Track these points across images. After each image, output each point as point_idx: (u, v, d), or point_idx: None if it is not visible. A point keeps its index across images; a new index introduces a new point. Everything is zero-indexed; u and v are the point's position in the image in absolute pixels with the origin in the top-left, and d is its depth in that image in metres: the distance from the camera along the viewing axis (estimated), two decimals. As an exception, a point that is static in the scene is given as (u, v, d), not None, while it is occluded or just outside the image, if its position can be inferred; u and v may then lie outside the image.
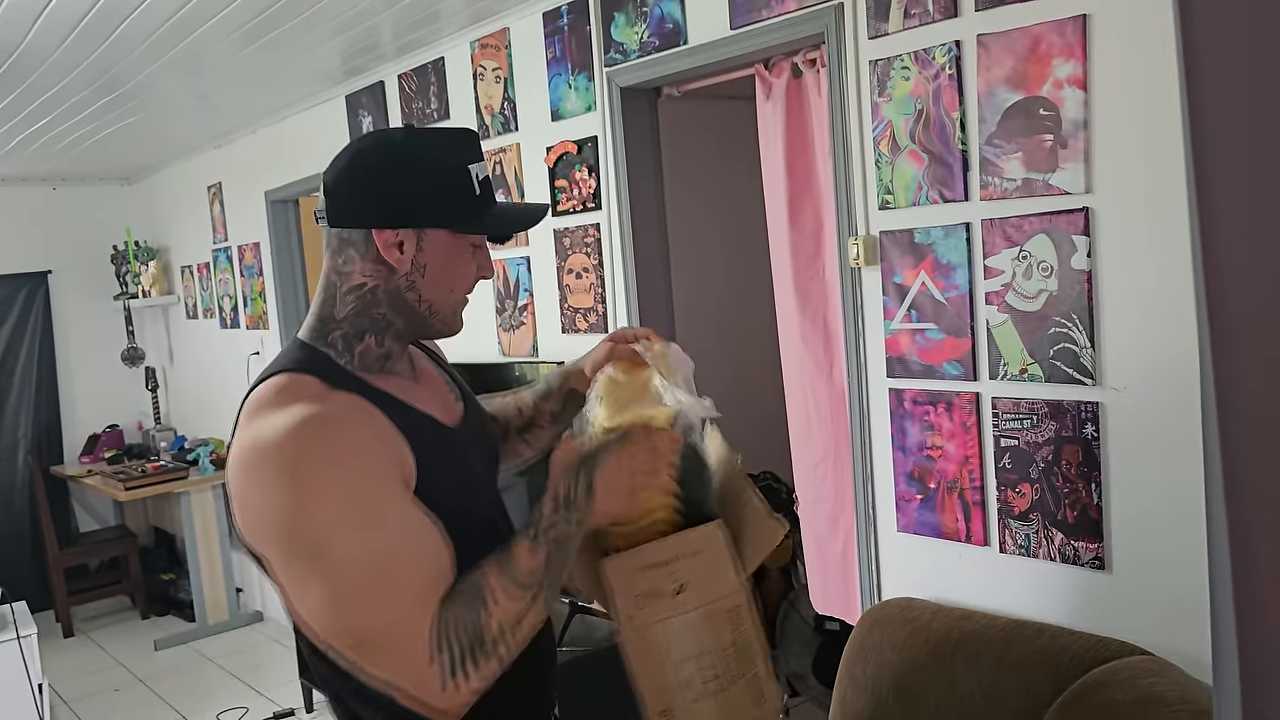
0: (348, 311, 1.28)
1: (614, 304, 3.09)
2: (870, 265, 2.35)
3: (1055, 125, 1.96)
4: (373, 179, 1.25)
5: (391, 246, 1.24)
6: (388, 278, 1.26)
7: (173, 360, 6.24)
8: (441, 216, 1.25)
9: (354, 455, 1.15)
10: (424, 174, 1.24)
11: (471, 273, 1.31)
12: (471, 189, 1.26)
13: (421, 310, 1.29)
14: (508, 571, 1.18)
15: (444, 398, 1.40)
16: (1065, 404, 2.01)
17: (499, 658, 1.16)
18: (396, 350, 1.32)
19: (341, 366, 1.26)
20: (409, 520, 1.17)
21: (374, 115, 3.99)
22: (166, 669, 4.97)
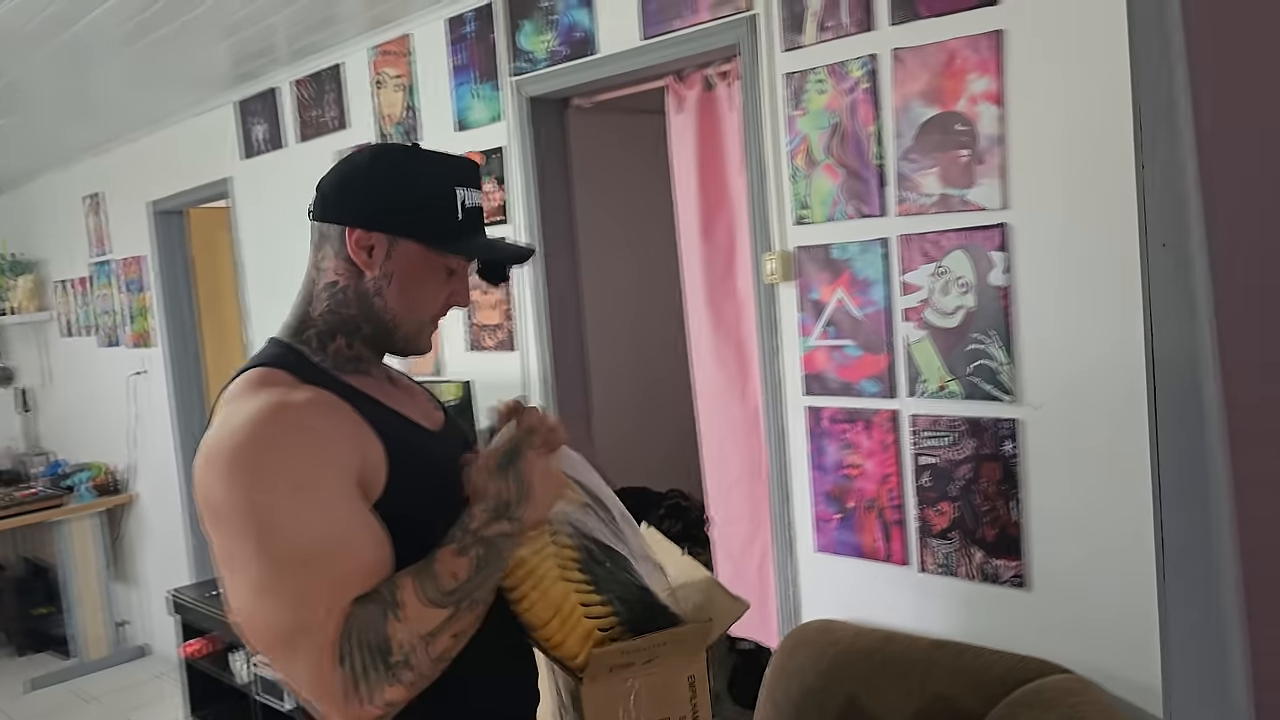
0: (322, 309, 1.29)
1: (522, 320, 3.00)
2: (786, 281, 2.32)
3: (971, 140, 1.95)
4: (357, 179, 1.27)
5: (361, 248, 1.25)
6: (357, 279, 1.27)
7: (48, 380, 5.88)
8: (415, 229, 1.25)
9: (309, 447, 1.13)
10: (407, 184, 1.25)
11: (441, 296, 1.30)
12: (454, 210, 1.26)
13: (386, 320, 1.28)
14: (426, 580, 1.13)
15: (423, 405, 1.40)
16: (984, 421, 2.00)
17: (406, 678, 1.10)
18: (368, 356, 1.32)
19: (315, 363, 1.27)
20: (351, 519, 1.14)
21: (267, 123, 3.82)
22: (41, 710, 4.65)
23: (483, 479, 1.22)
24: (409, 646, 1.10)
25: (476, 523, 1.18)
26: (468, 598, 1.14)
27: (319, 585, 1.09)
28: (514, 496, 1.20)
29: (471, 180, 1.29)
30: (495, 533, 1.18)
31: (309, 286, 1.30)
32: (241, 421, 1.13)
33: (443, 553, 1.15)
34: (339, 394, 1.22)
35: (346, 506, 1.14)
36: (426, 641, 1.11)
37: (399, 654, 1.09)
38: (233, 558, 1.12)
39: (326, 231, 1.28)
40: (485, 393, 3.04)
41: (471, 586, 1.14)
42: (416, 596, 1.11)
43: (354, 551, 1.12)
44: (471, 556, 1.15)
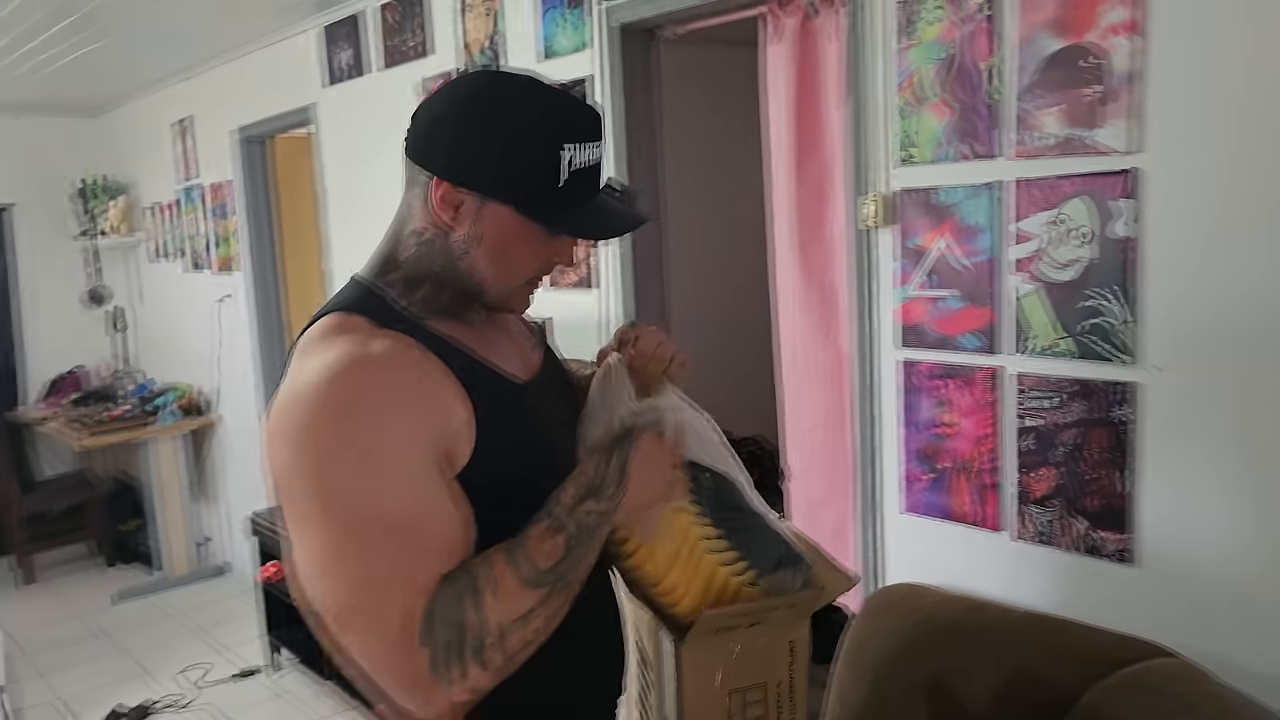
0: (409, 255, 1.16)
1: (603, 256, 2.90)
2: (884, 226, 2.18)
3: (1102, 77, 1.78)
4: (453, 120, 1.10)
5: (447, 204, 1.11)
6: (444, 235, 1.13)
7: (139, 302, 6.00)
8: (509, 192, 1.09)
9: (384, 407, 1.02)
10: (508, 137, 1.08)
11: (541, 259, 1.16)
12: (556, 173, 1.08)
13: (474, 281, 1.15)
14: (520, 558, 1.04)
15: (519, 345, 1.27)
16: (1096, 383, 1.85)
17: (496, 662, 1.01)
18: (459, 302, 1.18)
19: (399, 309, 1.14)
20: (429, 488, 1.04)
21: (351, 49, 3.75)
22: (127, 621, 4.81)
23: (583, 454, 1.14)
24: (504, 628, 1.01)
25: (570, 500, 1.09)
26: (562, 579, 1.06)
27: (391, 558, 1.00)
28: (611, 479, 1.11)
29: (587, 133, 1.11)
30: (589, 512, 1.09)
31: (398, 226, 1.17)
32: (312, 379, 1.03)
33: (535, 530, 1.06)
34: (424, 343, 1.10)
35: (424, 475, 1.04)
36: (521, 624, 1.02)
37: (493, 635, 1.00)
38: (299, 526, 1.04)
39: (414, 174, 1.14)
40: (562, 331, 2.96)
41: (565, 567, 1.06)
42: (512, 576, 1.03)
43: (431, 523, 1.03)
44: (564, 536, 1.06)
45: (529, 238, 1.12)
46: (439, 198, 1.10)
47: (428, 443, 1.04)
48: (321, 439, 1.01)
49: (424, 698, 1.00)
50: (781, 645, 1.28)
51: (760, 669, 1.27)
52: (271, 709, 3.84)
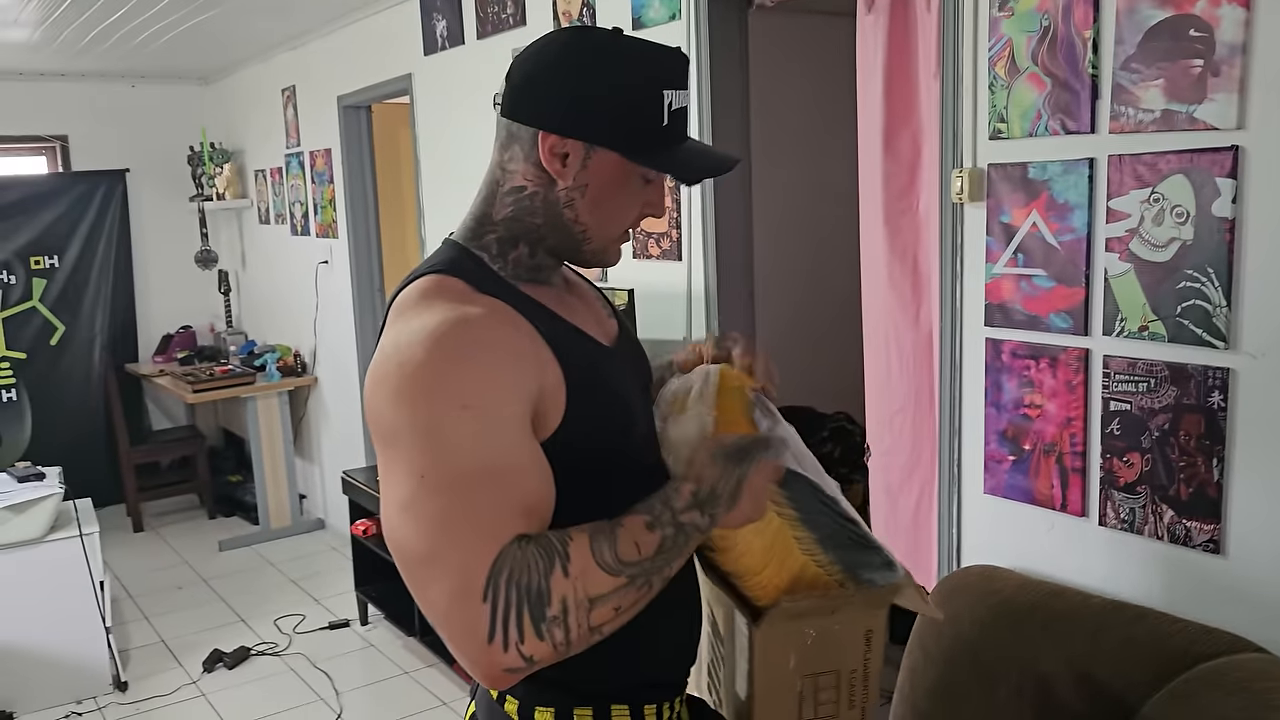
0: (505, 214, 1.18)
1: (689, 230, 2.91)
2: (974, 201, 2.13)
3: (1207, 49, 1.70)
4: (554, 74, 1.13)
5: (555, 155, 1.13)
6: (548, 187, 1.15)
7: (245, 265, 6.23)
8: (616, 138, 1.12)
9: (483, 365, 1.05)
10: (611, 85, 1.11)
11: (637, 207, 1.19)
12: (659, 116, 1.12)
13: (576, 232, 1.18)
14: (605, 542, 1.03)
15: (598, 314, 1.30)
16: (1190, 368, 1.79)
17: (556, 636, 1.00)
18: (550, 264, 1.22)
19: (494, 271, 1.17)
20: (519, 447, 1.06)
21: (448, 19, 3.80)
22: (228, 569, 5.04)
23: (704, 462, 1.10)
24: (569, 604, 1.00)
25: (680, 503, 1.07)
26: (644, 574, 1.04)
27: (471, 506, 1.01)
28: (724, 495, 1.09)
29: (681, 78, 1.15)
30: (691, 521, 1.07)
31: (492, 187, 1.19)
32: (412, 339, 1.06)
33: (632, 520, 1.06)
34: (517, 307, 1.13)
35: (515, 433, 1.05)
36: (589, 605, 1.01)
37: (556, 608, 1.00)
38: (390, 470, 1.06)
39: (516, 131, 1.15)
40: (647, 303, 2.98)
41: (651, 566, 1.05)
42: (591, 555, 1.02)
43: (517, 481, 1.04)
44: (661, 535, 1.05)
45: (629, 184, 1.16)
46: (547, 149, 1.12)
47: (523, 400, 1.06)
48: (421, 387, 1.03)
49: (477, 656, 1.00)
50: (858, 634, 1.28)
51: (835, 656, 1.27)
52: (360, 659, 3.99)
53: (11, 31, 4.52)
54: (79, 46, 4.92)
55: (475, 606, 0.99)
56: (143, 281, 6.26)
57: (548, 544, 1.02)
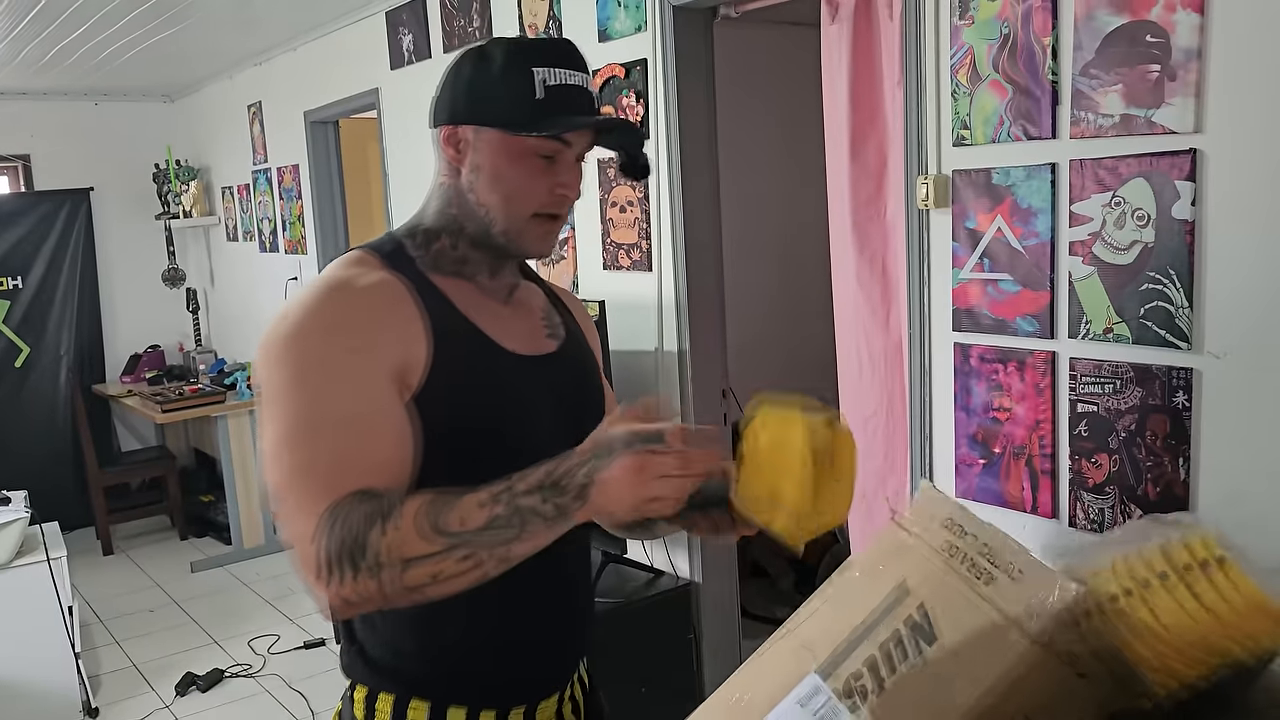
0: (433, 210, 1.29)
1: (659, 240, 2.91)
2: (940, 207, 2.15)
3: (1164, 54, 1.73)
4: (446, 79, 1.27)
5: (450, 145, 1.25)
6: (456, 176, 1.26)
7: (213, 282, 6.17)
8: (494, 115, 1.21)
9: (348, 325, 1.15)
10: (485, 72, 1.22)
11: (540, 187, 1.23)
12: (530, 90, 1.20)
13: (481, 215, 1.25)
14: (434, 509, 1.07)
15: (529, 327, 1.34)
16: (1154, 369, 1.82)
17: (371, 587, 1.06)
18: (476, 259, 1.28)
19: (409, 255, 1.26)
20: (376, 406, 1.14)
21: (414, 33, 3.80)
22: (201, 591, 4.97)
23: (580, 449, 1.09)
24: (383, 559, 1.05)
25: (523, 485, 1.07)
26: (465, 546, 1.06)
27: (324, 453, 1.11)
28: (572, 486, 1.06)
29: (556, 59, 1.22)
30: (530, 505, 1.06)
31: (429, 192, 1.31)
32: (305, 294, 1.18)
33: (473, 493, 1.07)
34: (413, 287, 1.22)
35: (370, 392, 1.14)
36: (402, 565, 1.05)
37: (370, 559, 1.05)
38: (261, 422, 1.15)
39: (434, 136, 1.28)
40: (619, 314, 2.98)
41: (474, 539, 1.06)
42: (416, 518, 1.06)
43: (365, 437, 1.12)
44: (491, 512, 1.06)
45: (523, 161, 1.21)
46: (444, 140, 1.24)
47: (385, 363, 1.15)
48: (287, 343, 1.14)
49: (312, 587, 1.08)
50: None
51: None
52: (336, 679, 3.93)
53: (-29, 50, 4.46)
54: (40, 64, 4.87)
55: (307, 546, 1.07)
56: (109, 301, 6.19)
57: (381, 503, 1.08)
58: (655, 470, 1.04)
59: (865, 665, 1.46)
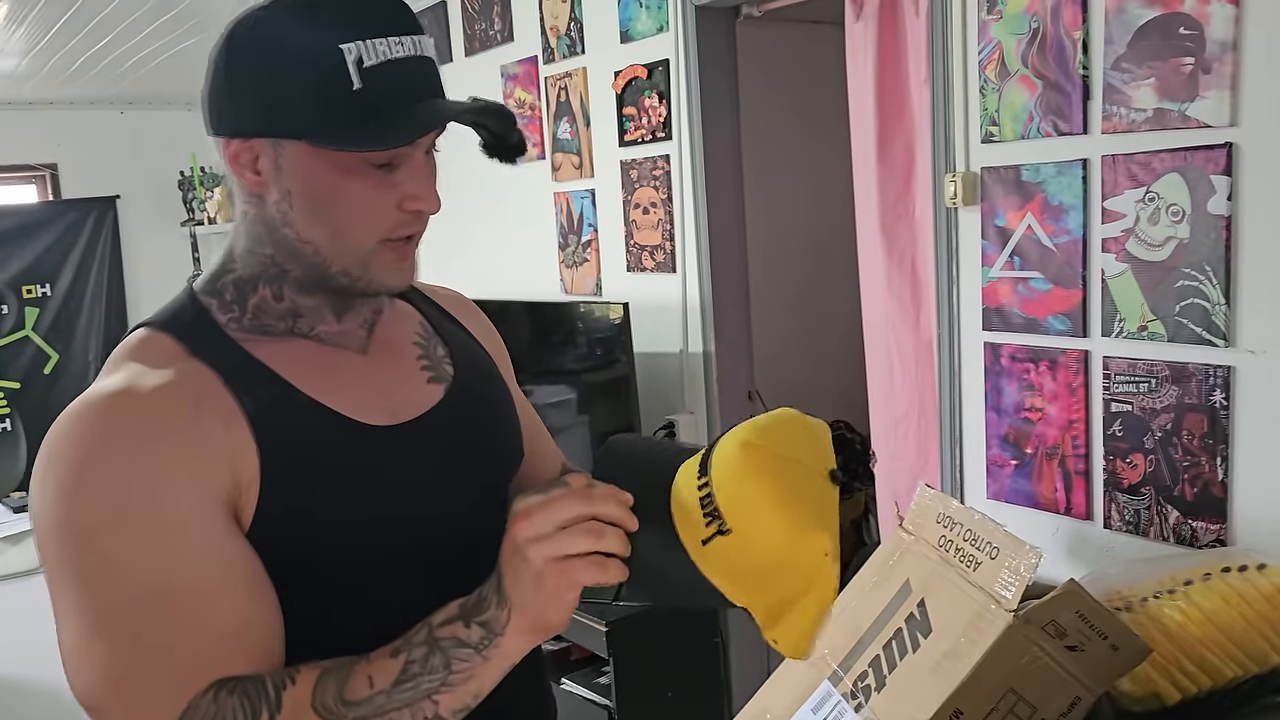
0: (241, 248, 0.94)
1: (682, 242, 2.90)
2: (969, 205, 2.12)
3: (1198, 46, 1.70)
4: (216, 71, 0.89)
5: (245, 165, 0.89)
6: (261, 207, 0.91)
7: (238, 288, 6.21)
8: (290, 123, 0.86)
9: (144, 458, 0.83)
10: (273, 57, 0.86)
11: (379, 206, 0.89)
12: (343, 78, 0.84)
13: (308, 255, 0.91)
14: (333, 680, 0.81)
15: (392, 377, 0.99)
16: (1191, 367, 1.78)
17: None
18: (310, 306, 0.95)
19: (218, 324, 0.93)
20: (207, 559, 0.83)
21: (436, 37, 3.80)
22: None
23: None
24: None
25: (440, 616, 0.83)
26: (378, 713, 0.80)
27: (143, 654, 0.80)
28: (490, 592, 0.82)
29: (374, 25, 0.85)
30: (452, 636, 0.82)
31: (234, 225, 0.96)
32: (67, 422, 0.84)
33: (382, 648, 0.83)
34: (227, 375, 0.89)
35: (197, 540, 0.83)
36: None
37: None
38: (53, 603, 0.84)
39: (216, 147, 0.92)
40: (642, 316, 2.97)
41: (388, 701, 0.80)
42: (311, 699, 0.80)
43: (207, 603, 0.82)
44: (405, 660, 0.81)
45: (352, 176, 0.88)
46: (232, 159, 0.89)
47: (206, 496, 0.84)
48: (68, 494, 0.82)
49: None
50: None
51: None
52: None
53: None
54: (66, 74, 4.91)
55: None
56: (136, 308, 6.23)
57: (256, 689, 0.80)
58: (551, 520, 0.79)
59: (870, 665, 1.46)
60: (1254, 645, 1.47)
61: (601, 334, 2.90)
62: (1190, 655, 1.46)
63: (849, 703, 1.48)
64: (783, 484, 0.83)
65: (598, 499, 0.80)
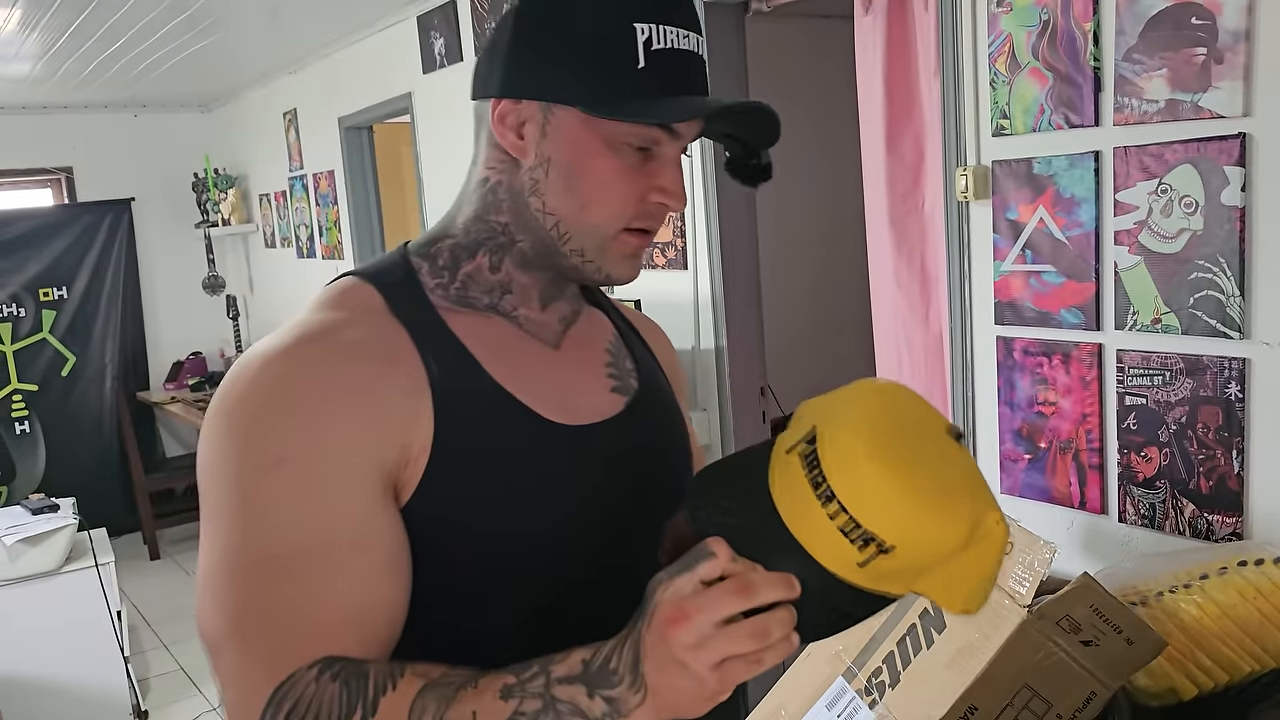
0: (469, 215, 0.94)
1: (694, 238, 2.90)
2: (980, 199, 2.11)
3: (1210, 37, 1.69)
4: (502, 34, 0.89)
5: (509, 127, 0.88)
6: (512, 171, 0.90)
7: (253, 289, 6.24)
8: (574, 88, 0.85)
9: (317, 408, 0.82)
10: (563, 25, 0.86)
11: (632, 186, 0.88)
12: (630, 54, 0.84)
13: (548, 229, 0.89)
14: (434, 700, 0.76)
15: (579, 379, 0.97)
16: (1205, 359, 1.77)
17: None
18: (523, 285, 0.94)
19: (423, 286, 0.92)
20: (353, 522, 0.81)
21: (445, 37, 3.81)
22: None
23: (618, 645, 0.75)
24: None
25: (561, 670, 0.75)
26: None
27: (268, 608, 0.79)
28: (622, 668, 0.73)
29: (666, 11, 0.85)
30: (571, 700, 0.74)
31: (464, 186, 0.96)
32: (262, 355, 0.85)
33: (492, 678, 0.76)
34: (420, 340, 0.88)
35: (349, 503, 0.81)
36: None
37: None
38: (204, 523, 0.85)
39: (480, 111, 0.92)
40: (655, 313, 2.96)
41: None
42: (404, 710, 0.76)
43: (341, 571, 0.80)
44: (514, 708, 0.75)
45: (610, 153, 0.87)
46: (498, 119, 0.89)
47: (368, 461, 0.82)
48: (236, 427, 0.82)
49: None
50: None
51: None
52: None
53: (13, 66, 4.54)
54: (80, 78, 4.95)
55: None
56: (151, 309, 6.28)
57: (359, 683, 0.77)
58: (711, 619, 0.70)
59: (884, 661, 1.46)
60: (1271, 639, 1.46)
61: (613, 331, 2.90)
62: (1206, 650, 1.45)
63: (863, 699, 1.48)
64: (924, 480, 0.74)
65: (761, 590, 0.71)
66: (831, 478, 0.73)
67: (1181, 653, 1.45)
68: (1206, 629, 1.46)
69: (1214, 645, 1.46)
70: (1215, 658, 1.45)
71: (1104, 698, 1.33)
